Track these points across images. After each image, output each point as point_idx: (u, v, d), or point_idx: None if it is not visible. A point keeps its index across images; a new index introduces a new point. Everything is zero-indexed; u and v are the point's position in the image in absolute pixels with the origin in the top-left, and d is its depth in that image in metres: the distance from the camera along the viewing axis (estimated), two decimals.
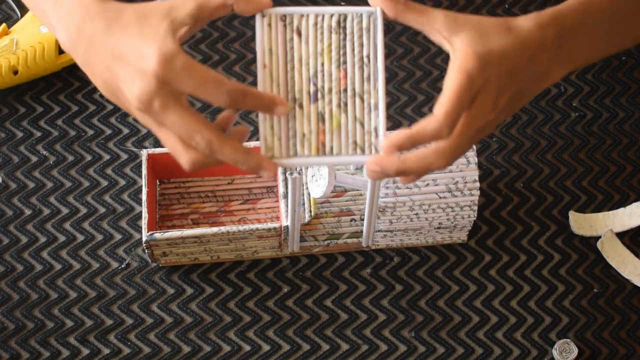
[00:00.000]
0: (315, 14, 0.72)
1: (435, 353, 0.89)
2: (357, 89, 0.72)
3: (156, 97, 0.66)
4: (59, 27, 0.72)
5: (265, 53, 0.71)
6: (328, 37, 0.72)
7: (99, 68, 0.69)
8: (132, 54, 0.67)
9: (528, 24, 0.71)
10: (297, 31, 0.72)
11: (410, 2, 0.70)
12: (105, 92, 0.70)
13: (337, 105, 0.72)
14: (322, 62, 0.72)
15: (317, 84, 0.72)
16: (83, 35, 0.70)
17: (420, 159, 0.69)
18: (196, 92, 0.66)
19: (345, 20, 0.72)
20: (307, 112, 0.71)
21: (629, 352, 0.89)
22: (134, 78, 0.66)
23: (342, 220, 0.91)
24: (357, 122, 0.72)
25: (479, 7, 1.08)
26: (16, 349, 0.88)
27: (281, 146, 0.71)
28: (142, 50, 0.66)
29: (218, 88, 0.66)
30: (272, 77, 0.71)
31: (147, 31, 0.67)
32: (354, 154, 0.71)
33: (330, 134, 0.71)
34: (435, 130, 0.67)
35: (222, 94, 0.66)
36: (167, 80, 0.65)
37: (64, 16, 0.71)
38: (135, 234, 0.94)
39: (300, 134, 0.71)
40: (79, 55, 0.71)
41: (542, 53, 0.72)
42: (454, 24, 0.69)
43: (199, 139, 0.67)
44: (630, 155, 0.99)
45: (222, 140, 0.67)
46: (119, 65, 0.67)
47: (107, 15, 0.69)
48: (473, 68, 0.68)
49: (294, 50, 0.72)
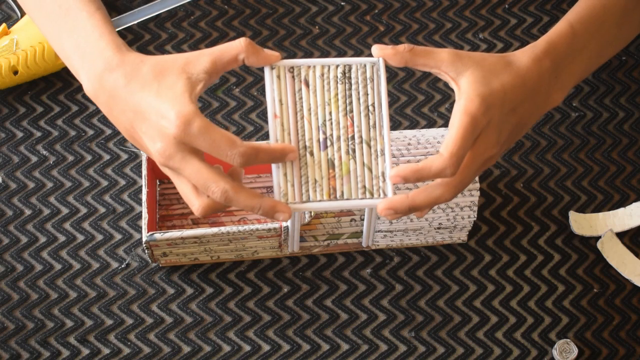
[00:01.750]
0: (321, 65, 0.77)
1: (435, 353, 0.89)
2: (364, 136, 0.76)
3: (175, 154, 0.71)
4: (82, 74, 0.76)
5: (275, 103, 0.76)
6: (334, 87, 0.77)
7: (121, 120, 0.74)
8: (152, 113, 0.71)
9: (526, 60, 0.77)
10: (305, 82, 0.77)
11: (415, 47, 0.75)
12: (129, 138, 0.75)
13: (345, 152, 0.76)
14: (330, 111, 0.77)
15: (326, 132, 0.76)
16: (104, 86, 0.74)
17: (428, 193, 0.74)
18: (211, 152, 0.70)
19: (350, 70, 0.77)
20: (318, 159, 0.76)
21: (629, 352, 0.89)
22: (154, 136, 0.71)
23: (342, 220, 0.91)
24: (365, 167, 0.76)
25: (479, 7, 1.08)
26: (16, 349, 0.88)
27: (294, 192, 0.75)
28: (162, 111, 0.70)
29: (232, 149, 0.70)
30: (283, 126, 0.75)
31: (165, 91, 0.71)
32: (364, 198, 0.76)
33: (340, 179, 0.76)
34: (441, 169, 0.72)
35: (236, 155, 0.70)
36: (185, 141, 0.70)
37: (87, 65, 0.75)
38: (135, 234, 0.94)
39: (312, 179, 0.75)
40: (101, 103, 0.75)
41: (541, 85, 0.77)
42: (459, 64, 0.74)
43: (215, 189, 0.71)
44: (630, 155, 0.99)
45: (237, 189, 0.71)
46: (140, 121, 0.72)
47: (127, 70, 0.73)
48: (477, 111, 0.73)
49: (303, 101, 0.76)
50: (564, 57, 0.79)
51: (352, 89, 0.77)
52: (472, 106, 0.73)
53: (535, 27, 1.06)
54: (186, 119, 0.69)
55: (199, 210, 0.73)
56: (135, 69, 0.73)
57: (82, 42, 0.76)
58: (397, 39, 1.05)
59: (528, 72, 0.76)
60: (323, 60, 0.77)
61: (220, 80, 1.02)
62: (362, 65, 0.78)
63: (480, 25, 1.07)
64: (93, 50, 0.75)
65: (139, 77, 0.73)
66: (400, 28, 1.06)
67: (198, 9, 1.06)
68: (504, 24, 1.07)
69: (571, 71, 0.80)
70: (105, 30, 0.76)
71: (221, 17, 1.06)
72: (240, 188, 0.72)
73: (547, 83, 0.78)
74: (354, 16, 1.07)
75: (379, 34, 1.06)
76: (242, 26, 1.06)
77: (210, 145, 0.70)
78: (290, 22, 1.06)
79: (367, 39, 1.05)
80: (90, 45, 0.75)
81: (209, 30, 1.05)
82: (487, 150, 0.75)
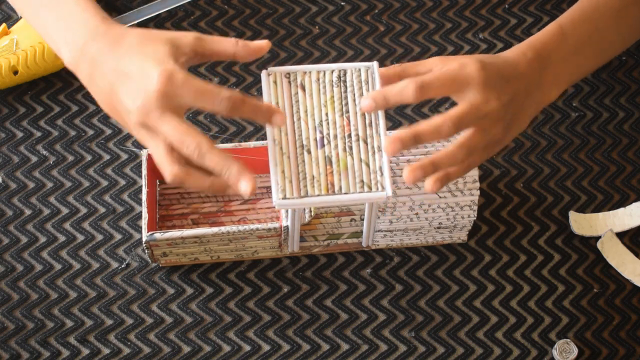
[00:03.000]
0: (317, 70, 0.79)
1: (435, 353, 0.89)
2: (360, 134, 0.77)
3: (156, 108, 0.70)
4: (63, 45, 0.76)
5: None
6: (330, 90, 0.78)
7: (101, 86, 0.74)
8: (135, 73, 0.71)
9: (510, 52, 0.81)
10: (301, 86, 0.78)
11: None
12: (105, 106, 0.75)
13: (342, 149, 0.77)
14: (326, 112, 0.78)
15: (323, 131, 0.77)
16: (87, 54, 0.74)
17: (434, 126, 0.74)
18: (197, 102, 0.71)
19: (345, 74, 0.79)
20: (315, 157, 0.77)
21: (629, 352, 0.89)
22: (135, 94, 0.71)
23: (342, 220, 0.91)
24: (362, 163, 0.77)
25: (479, 7, 1.08)
26: (16, 349, 0.88)
27: (292, 188, 0.76)
28: (146, 70, 0.71)
29: (218, 95, 0.70)
30: (279, 127, 0.76)
31: (149, 52, 0.72)
32: (362, 192, 0.76)
33: (338, 174, 0.77)
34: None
35: (222, 99, 0.70)
36: (168, 94, 0.70)
37: (70, 35, 0.76)
38: (135, 234, 0.94)
39: (309, 176, 0.76)
40: (82, 71, 0.76)
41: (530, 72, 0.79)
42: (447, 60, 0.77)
43: (189, 142, 0.71)
44: (630, 155, 0.99)
45: (211, 146, 0.71)
46: (122, 82, 0.72)
47: (112, 38, 0.74)
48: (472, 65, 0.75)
49: (299, 103, 0.78)
50: (552, 52, 0.81)
51: (347, 91, 0.78)
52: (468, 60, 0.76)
53: (535, 27, 1.06)
54: (169, 73, 0.70)
55: (168, 177, 0.72)
56: (120, 37, 0.74)
57: (65, 14, 0.76)
58: (397, 39, 1.05)
59: (515, 58, 0.79)
60: (318, 66, 0.79)
61: (220, 81, 1.02)
62: (357, 69, 0.79)
63: (480, 25, 1.07)
64: (77, 21, 0.75)
65: (124, 43, 0.73)
66: (400, 28, 1.06)
67: (198, 9, 1.06)
68: (504, 24, 1.07)
69: (565, 68, 0.82)
70: (89, 4, 0.77)
71: (221, 17, 1.06)
72: (215, 147, 0.71)
73: (536, 72, 0.80)
74: (354, 16, 1.07)
75: (379, 34, 1.06)
76: (242, 26, 1.06)
77: (195, 93, 0.70)
78: (290, 22, 1.06)
79: (367, 39, 1.05)
80: (74, 17, 0.76)
81: (209, 30, 1.05)
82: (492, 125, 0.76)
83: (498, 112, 0.76)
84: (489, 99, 0.75)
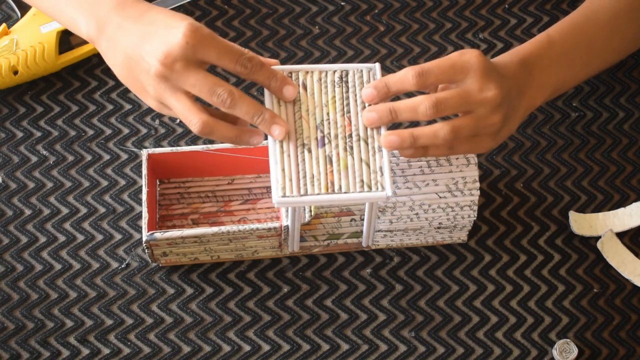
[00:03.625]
0: (319, 70, 0.79)
1: (435, 353, 0.89)
2: (361, 134, 0.78)
3: (180, 58, 0.72)
4: (81, 17, 0.78)
5: (274, 105, 0.78)
6: (332, 90, 0.79)
7: (122, 47, 0.75)
8: (161, 29, 0.73)
9: (497, 58, 0.82)
10: (303, 86, 0.79)
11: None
12: (122, 69, 0.76)
13: (343, 148, 0.77)
14: (328, 112, 0.78)
15: (324, 131, 0.78)
16: (113, 20, 0.76)
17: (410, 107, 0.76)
18: (220, 59, 0.73)
19: (347, 75, 0.79)
20: (316, 156, 0.77)
21: (629, 352, 0.89)
22: (160, 45, 0.73)
23: (342, 220, 0.91)
24: (363, 163, 0.77)
25: (479, 7, 1.08)
26: (16, 349, 0.88)
27: (292, 186, 0.76)
28: (171, 24, 0.73)
29: (240, 55, 0.73)
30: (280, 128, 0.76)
31: (176, 15, 0.75)
32: (362, 191, 0.77)
33: (338, 173, 0.77)
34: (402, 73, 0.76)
35: (245, 59, 0.73)
36: (194, 46, 0.72)
37: (90, 6, 0.78)
38: (135, 234, 0.94)
39: (310, 174, 0.77)
40: (104, 37, 0.77)
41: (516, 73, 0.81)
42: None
43: (221, 91, 0.73)
44: (630, 155, 0.99)
45: (243, 93, 0.74)
46: (146, 40, 0.74)
47: (140, 8, 0.76)
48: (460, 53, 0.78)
49: (301, 102, 0.78)
50: (537, 59, 0.83)
51: (349, 91, 0.79)
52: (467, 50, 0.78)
53: (535, 27, 1.06)
54: (196, 27, 0.72)
55: (198, 125, 0.74)
56: (149, 7, 0.76)
57: None
58: (397, 39, 1.05)
59: (504, 62, 0.81)
60: (321, 66, 0.79)
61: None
62: (359, 70, 0.79)
63: (480, 25, 1.07)
64: None
65: (152, 11, 0.76)
66: (400, 28, 1.06)
67: (198, 9, 1.06)
68: (504, 24, 1.07)
69: (550, 74, 0.83)
70: None
71: (221, 17, 1.06)
72: (246, 94, 0.74)
73: (523, 76, 0.81)
74: (354, 16, 1.07)
75: (379, 34, 1.06)
76: (242, 26, 1.06)
77: (219, 49, 0.72)
78: (290, 22, 1.06)
79: (367, 39, 1.05)
80: None
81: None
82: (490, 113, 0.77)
83: (496, 99, 0.77)
84: (487, 87, 0.76)
